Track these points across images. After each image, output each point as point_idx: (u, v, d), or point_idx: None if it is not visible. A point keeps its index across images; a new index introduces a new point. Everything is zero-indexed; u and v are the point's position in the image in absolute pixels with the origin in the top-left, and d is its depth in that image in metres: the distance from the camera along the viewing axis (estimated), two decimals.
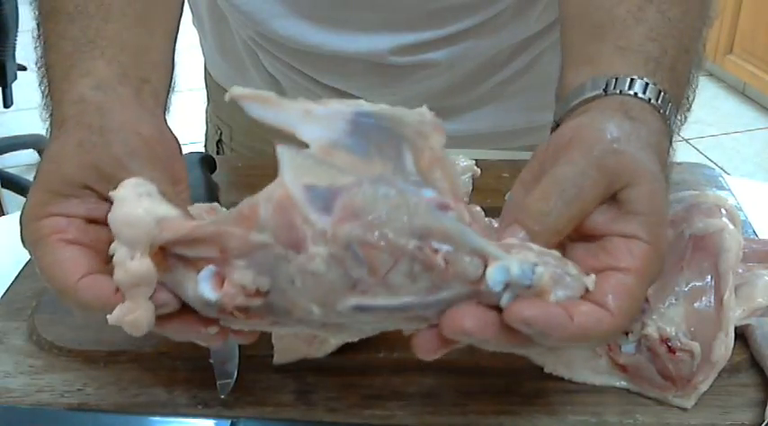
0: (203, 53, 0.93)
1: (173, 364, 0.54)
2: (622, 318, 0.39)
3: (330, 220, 0.35)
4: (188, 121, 0.89)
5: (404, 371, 0.53)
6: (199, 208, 0.46)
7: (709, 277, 0.54)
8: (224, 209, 0.47)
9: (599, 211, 0.41)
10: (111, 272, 0.41)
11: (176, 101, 0.54)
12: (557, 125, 0.47)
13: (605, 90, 0.45)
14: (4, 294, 0.61)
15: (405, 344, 0.55)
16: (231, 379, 0.52)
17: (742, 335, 0.55)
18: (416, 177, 0.38)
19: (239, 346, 0.54)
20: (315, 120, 0.38)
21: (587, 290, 0.39)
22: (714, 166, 0.81)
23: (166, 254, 0.39)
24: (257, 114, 0.39)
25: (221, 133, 0.93)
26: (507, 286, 0.37)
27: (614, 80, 0.45)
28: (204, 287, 0.38)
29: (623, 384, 0.52)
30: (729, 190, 0.73)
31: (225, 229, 0.37)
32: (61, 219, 0.43)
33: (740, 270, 0.57)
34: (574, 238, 0.42)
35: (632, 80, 0.45)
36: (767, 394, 0.52)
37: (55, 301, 0.58)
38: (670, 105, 0.46)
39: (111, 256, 0.40)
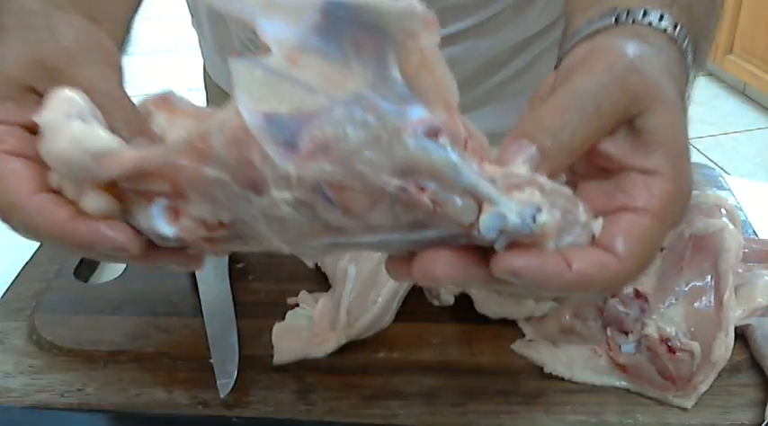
0: (202, 54, 0.93)
1: (173, 364, 0.54)
2: (632, 262, 0.34)
3: (294, 159, 0.30)
4: None
5: (404, 371, 0.53)
6: (150, 101, 0.40)
7: (709, 277, 0.54)
8: (180, 96, 0.40)
9: (616, 139, 0.37)
10: (59, 194, 0.36)
11: None
12: (560, 62, 0.42)
13: (616, 20, 0.40)
14: (4, 294, 0.61)
15: (405, 344, 0.55)
16: (231, 379, 0.52)
17: (742, 335, 0.55)
18: (402, 87, 0.31)
19: (239, 346, 0.54)
20: (279, 12, 0.32)
21: (594, 237, 0.34)
22: (714, 166, 0.81)
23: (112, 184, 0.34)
24: (216, 4, 0.33)
25: None
26: (502, 232, 0.31)
27: (626, 11, 0.40)
28: (159, 222, 0.33)
29: (623, 384, 0.52)
30: (729, 190, 0.73)
31: (174, 162, 0.32)
32: None
33: (740, 270, 0.57)
34: (587, 174, 0.38)
35: (646, 11, 0.40)
36: (767, 395, 0.52)
37: (55, 301, 0.59)
38: (687, 41, 0.41)
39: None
